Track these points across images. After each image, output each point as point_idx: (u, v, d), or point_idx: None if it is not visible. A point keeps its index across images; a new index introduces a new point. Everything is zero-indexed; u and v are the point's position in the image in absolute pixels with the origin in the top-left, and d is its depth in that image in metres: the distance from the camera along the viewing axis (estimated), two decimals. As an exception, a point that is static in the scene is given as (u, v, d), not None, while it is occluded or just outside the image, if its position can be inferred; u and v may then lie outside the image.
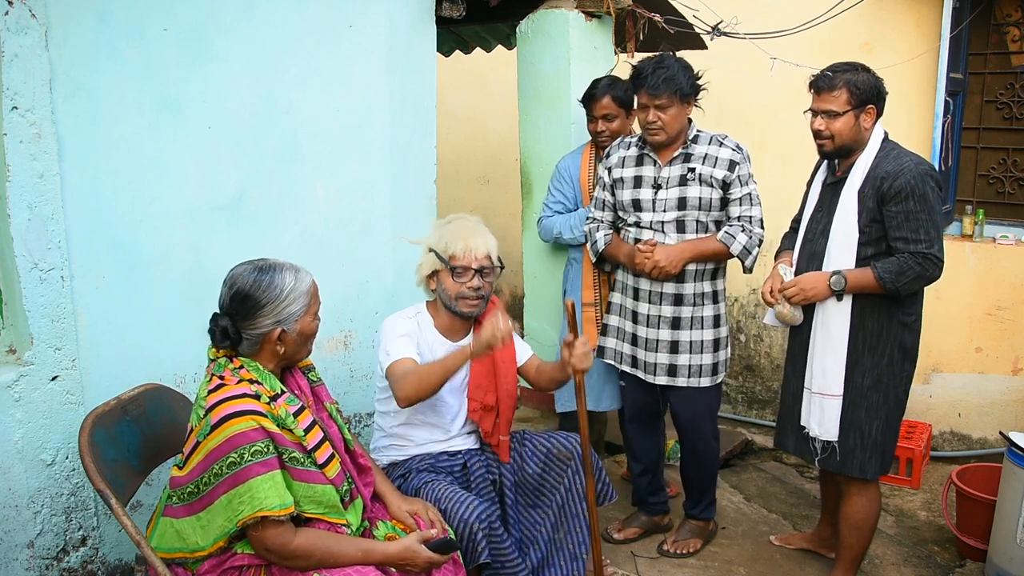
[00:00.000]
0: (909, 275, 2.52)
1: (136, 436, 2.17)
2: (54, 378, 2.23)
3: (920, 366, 2.66)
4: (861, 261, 2.60)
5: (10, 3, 2.03)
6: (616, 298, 3.10)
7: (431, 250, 2.54)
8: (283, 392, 2.00)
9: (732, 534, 3.28)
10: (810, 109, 2.66)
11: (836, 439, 2.69)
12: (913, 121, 3.98)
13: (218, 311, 2.00)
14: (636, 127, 3.44)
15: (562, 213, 3.41)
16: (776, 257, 2.92)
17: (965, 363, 4.01)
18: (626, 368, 3.08)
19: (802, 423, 2.77)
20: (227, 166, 2.59)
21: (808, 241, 2.76)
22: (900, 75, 3.91)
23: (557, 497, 2.60)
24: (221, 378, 1.95)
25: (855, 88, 2.56)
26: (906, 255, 2.52)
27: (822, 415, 2.70)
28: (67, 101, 2.19)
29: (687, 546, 3.15)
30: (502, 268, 2.57)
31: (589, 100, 3.28)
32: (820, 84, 2.62)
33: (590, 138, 3.41)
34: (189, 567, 1.97)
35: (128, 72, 2.31)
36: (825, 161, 2.79)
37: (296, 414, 1.98)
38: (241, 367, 1.97)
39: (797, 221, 2.91)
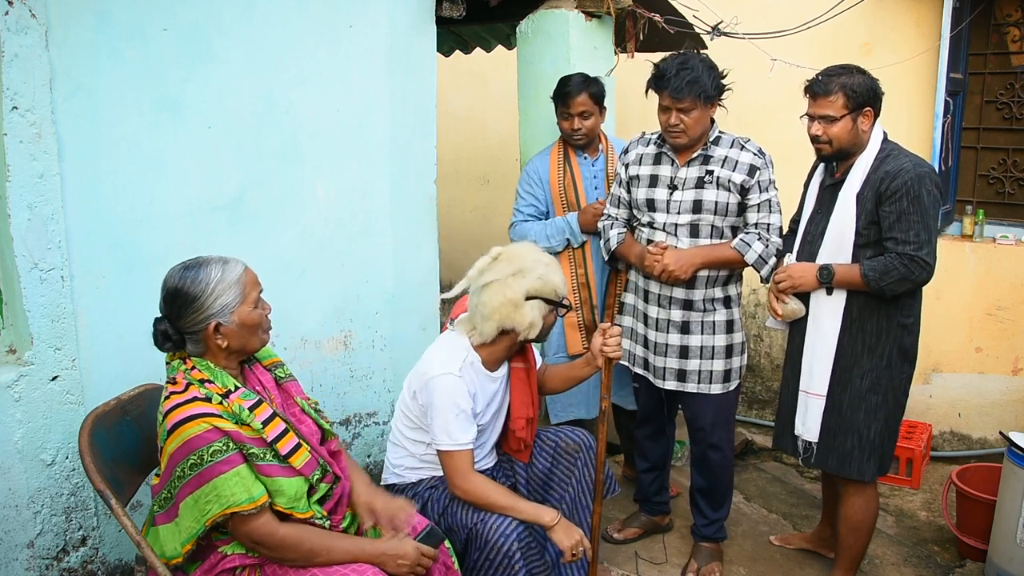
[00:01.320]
0: (893, 276, 2.50)
1: (136, 436, 2.17)
2: (54, 378, 2.23)
3: (920, 366, 2.66)
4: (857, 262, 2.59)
5: (10, 3, 2.03)
6: (629, 299, 3.05)
7: (532, 298, 2.37)
8: (237, 388, 1.99)
9: (732, 534, 3.28)
10: (806, 114, 2.62)
11: (815, 440, 2.69)
12: (913, 121, 3.99)
13: (158, 315, 2.00)
14: (604, 126, 3.40)
15: (536, 217, 3.36)
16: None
17: (965, 363, 4.01)
18: (638, 370, 3.03)
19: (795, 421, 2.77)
20: (227, 166, 2.59)
21: (807, 243, 2.73)
22: (900, 75, 3.91)
23: (569, 491, 2.61)
24: (173, 382, 1.96)
25: (851, 91, 2.53)
26: (893, 255, 2.50)
27: (806, 414, 2.70)
28: (67, 101, 2.19)
29: (712, 571, 3.02)
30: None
31: (565, 98, 3.21)
32: (815, 89, 2.58)
33: (557, 137, 3.36)
34: (184, 570, 1.97)
35: (128, 72, 2.31)
36: (823, 163, 2.77)
37: (252, 408, 1.96)
38: (193, 368, 1.97)
39: (796, 222, 2.88)
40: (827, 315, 2.64)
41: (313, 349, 2.91)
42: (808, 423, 2.69)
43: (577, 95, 3.19)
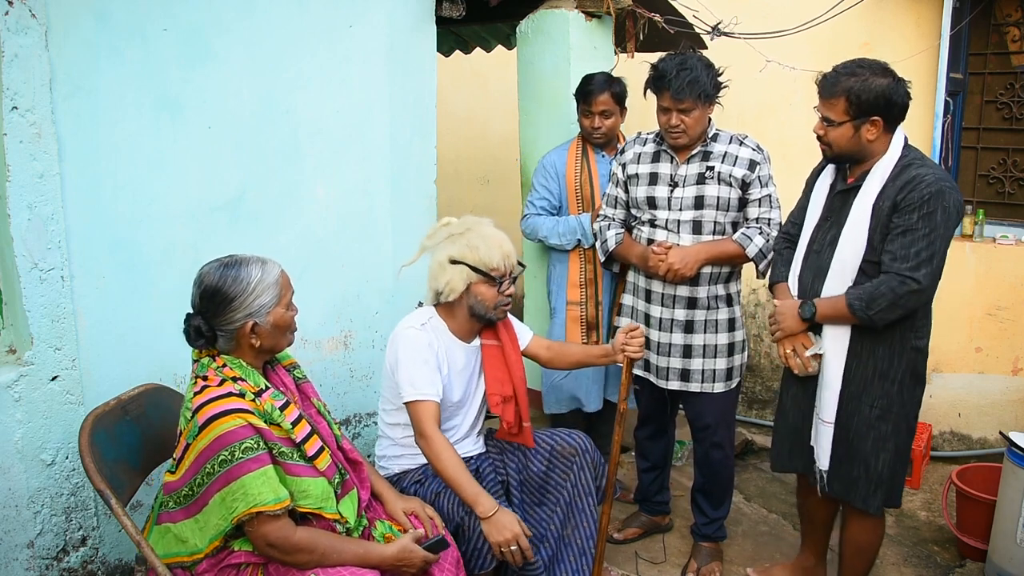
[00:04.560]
0: (881, 302, 2.28)
1: (136, 436, 2.17)
2: (54, 378, 2.23)
3: None
4: (862, 276, 2.39)
5: (10, 3, 2.03)
6: (628, 300, 3.04)
7: (456, 263, 2.43)
8: (267, 387, 2.01)
9: (732, 534, 3.28)
10: (816, 108, 2.45)
11: (826, 468, 2.51)
12: (913, 121, 3.95)
13: (191, 311, 2.00)
14: (623, 127, 3.42)
15: (548, 211, 3.37)
16: (771, 287, 2.74)
17: (965, 363, 4.01)
18: (639, 372, 3.01)
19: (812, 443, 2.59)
20: (227, 166, 2.59)
21: (814, 252, 2.53)
22: (900, 75, 3.91)
23: (564, 494, 2.59)
24: (205, 379, 1.96)
25: (855, 98, 2.31)
26: (883, 276, 2.30)
27: (817, 441, 2.54)
28: (67, 101, 2.19)
29: (712, 571, 3.01)
30: (523, 267, 2.56)
31: (587, 96, 3.22)
32: (822, 87, 2.39)
33: (576, 133, 3.38)
34: (187, 569, 1.97)
35: (128, 72, 2.31)
36: (832, 164, 2.57)
37: (282, 408, 1.98)
38: (224, 365, 1.98)
39: (794, 225, 2.71)
40: (832, 343, 2.45)
41: (313, 349, 2.92)
42: (819, 451, 2.52)
43: (600, 94, 3.20)
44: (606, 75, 3.26)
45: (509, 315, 2.68)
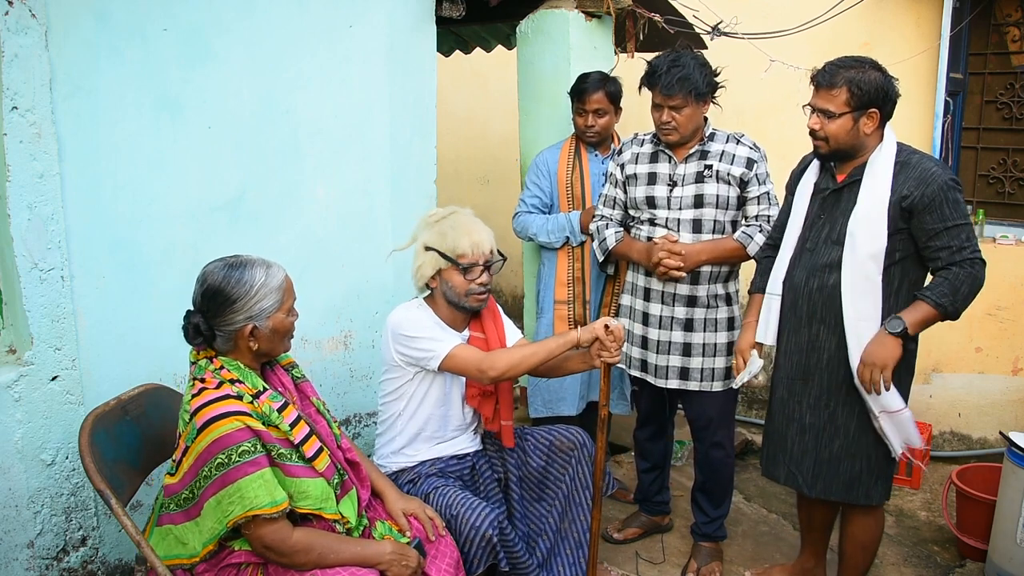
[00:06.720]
0: (964, 290, 2.30)
1: (136, 436, 2.17)
2: (54, 378, 2.23)
3: (920, 366, 2.60)
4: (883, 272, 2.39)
5: (10, 3, 2.03)
6: (626, 300, 3.03)
7: (429, 249, 2.47)
8: (265, 389, 2.00)
9: (732, 534, 3.28)
10: (808, 104, 2.45)
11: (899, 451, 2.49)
12: (913, 121, 3.99)
13: (191, 308, 2.00)
14: (618, 127, 3.42)
15: (539, 209, 3.38)
16: (749, 291, 2.74)
17: (965, 363, 4.01)
18: (635, 373, 3.01)
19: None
20: (227, 166, 2.59)
21: (807, 251, 2.51)
22: (900, 75, 3.84)
23: (563, 488, 2.60)
24: (202, 381, 1.95)
25: (856, 88, 2.33)
26: (953, 268, 2.31)
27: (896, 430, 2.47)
28: (67, 101, 2.19)
29: (712, 571, 3.01)
30: (504, 260, 2.56)
31: (581, 94, 3.23)
32: (820, 79, 2.40)
33: (571, 132, 3.38)
34: (188, 570, 1.97)
35: (128, 72, 2.31)
36: (815, 163, 2.58)
37: (280, 409, 1.98)
38: (222, 367, 1.97)
39: (777, 229, 2.71)
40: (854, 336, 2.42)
41: (313, 349, 2.92)
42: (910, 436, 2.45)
43: (594, 92, 3.20)
44: (601, 74, 3.25)
45: (503, 314, 2.68)
